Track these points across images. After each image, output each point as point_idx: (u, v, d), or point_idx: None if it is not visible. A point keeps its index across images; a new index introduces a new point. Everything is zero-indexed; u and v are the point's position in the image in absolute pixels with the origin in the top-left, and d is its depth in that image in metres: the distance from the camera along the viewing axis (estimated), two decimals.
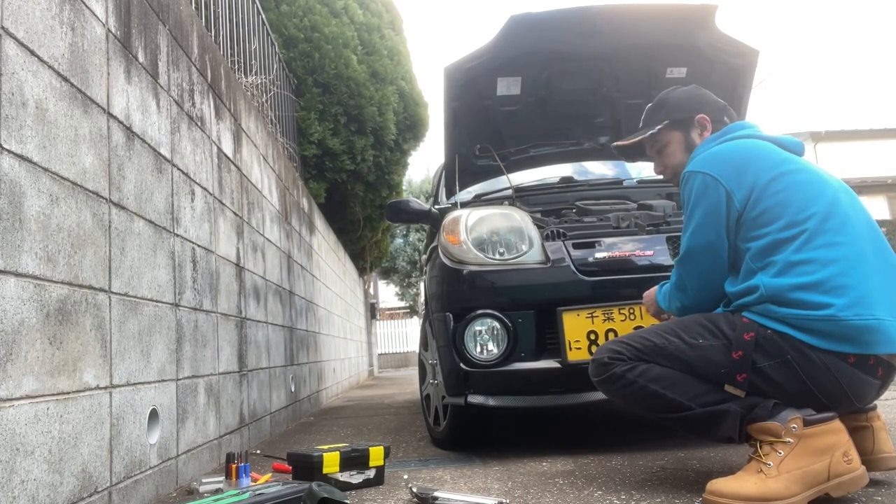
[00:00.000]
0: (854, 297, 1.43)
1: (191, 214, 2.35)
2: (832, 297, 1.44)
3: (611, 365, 1.64)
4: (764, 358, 1.49)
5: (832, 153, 22.55)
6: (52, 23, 1.49)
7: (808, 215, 1.52)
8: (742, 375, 1.51)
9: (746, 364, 1.50)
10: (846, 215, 1.54)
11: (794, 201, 1.54)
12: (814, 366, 1.45)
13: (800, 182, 1.57)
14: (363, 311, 10.91)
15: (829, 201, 1.54)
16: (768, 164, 1.59)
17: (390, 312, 22.57)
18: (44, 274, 1.39)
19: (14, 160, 1.32)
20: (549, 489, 1.75)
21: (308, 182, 6.07)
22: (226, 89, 2.98)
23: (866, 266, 1.48)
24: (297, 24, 6.15)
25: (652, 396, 1.60)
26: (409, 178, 16.19)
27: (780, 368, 1.48)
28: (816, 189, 1.56)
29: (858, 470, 1.42)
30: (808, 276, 1.46)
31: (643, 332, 1.68)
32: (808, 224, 1.51)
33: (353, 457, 1.93)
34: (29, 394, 1.32)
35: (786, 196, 1.54)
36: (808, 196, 1.54)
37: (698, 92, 1.89)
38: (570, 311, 2.21)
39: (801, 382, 1.47)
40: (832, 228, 1.50)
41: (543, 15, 2.57)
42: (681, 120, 1.84)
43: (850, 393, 1.47)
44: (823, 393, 1.47)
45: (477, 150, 3.11)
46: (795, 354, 1.46)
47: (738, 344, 1.51)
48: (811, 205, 1.53)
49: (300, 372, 4.41)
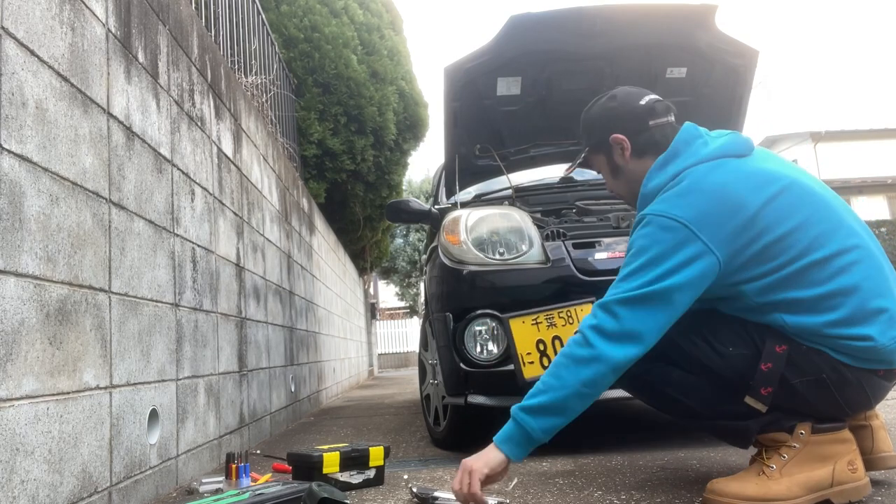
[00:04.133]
0: (886, 318, 1.35)
1: (191, 214, 2.35)
2: (866, 327, 1.34)
3: None
4: (795, 374, 1.38)
5: (832, 153, 22.55)
6: (52, 23, 1.49)
7: (810, 242, 1.37)
8: (767, 389, 1.40)
9: (774, 378, 1.39)
10: (844, 224, 1.42)
11: (790, 231, 1.38)
12: (847, 383, 1.38)
13: (789, 205, 1.40)
14: (363, 311, 10.91)
15: (823, 216, 1.41)
16: (748, 199, 1.39)
17: (390, 312, 22.57)
18: (44, 274, 1.39)
19: (14, 160, 1.32)
20: (549, 489, 1.75)
21: (308, 182, 6.07)
22: (226, 89, 2.98)
23: (882, 276, 1.40)
24: (297, 24, 6.15)
25: (667, 399, 1.56)
26: (409, 178, 16.18)
27: (811, 386, 1.38)
28: (808, 206, 1.41)
29: (863, 479, 1.41)
30: (835, 313, 1.35)
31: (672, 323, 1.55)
32: (815, 253, 1.37)
33: (353, 457, 1.93)
34: (29, 394, 1.31)
35: (780, 228, 1.38)
36: (803, 219, 1.39)
37: (609, 105, 1.64)
38: (517, 317, 2.11)
39: (830, 398, 1.40)
40: (839, 248, 1.38)
41: (543, 15, 2.56)
42: (597, 144, 1.65)
43: (873, 400, 1.45)
44: (850, 405, 1.43)
45: (477, 150, 3.11)
46: (831, 373, 1.37)
47: (769, 356, 1.40)
48: (809, 227, 1.38)
49: (300, 372, 4.41)
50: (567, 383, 1.39)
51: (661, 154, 1.53)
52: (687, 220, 1.38)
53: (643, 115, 1.58)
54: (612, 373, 1.39)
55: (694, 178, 1.44)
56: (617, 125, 1.60)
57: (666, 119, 1.58)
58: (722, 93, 2.96)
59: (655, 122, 1.57)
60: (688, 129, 1.55)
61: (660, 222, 1.41)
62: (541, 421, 1.40)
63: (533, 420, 1.41)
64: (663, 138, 1.56)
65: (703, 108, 3.02)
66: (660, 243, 1.39)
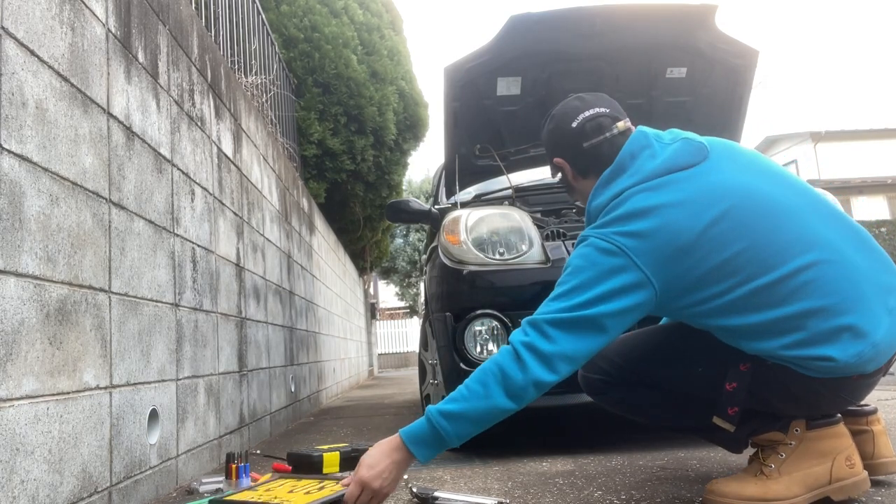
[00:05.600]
0: (848, 336, 1.26)
1: (191, 214, 2.35)
2: (826, 348, 1.26)
3: (604, 391, 1.65)
4: (763, 388, 1.38)
5: (832, 153, 22.55)
6: (52, 23, 1.49)
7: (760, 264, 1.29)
8: (734, 409, 1.39)
9: (739, 397, 1.38)
10: (807, 235, 1.32)
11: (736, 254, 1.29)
12: (818, 394, 1.35)
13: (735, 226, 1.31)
14: (363, 311, 10.91)
15: (778, 233, 1.31)
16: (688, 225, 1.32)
17: (390, 312, 22.57)
18: (44, 274, 1.39)
19: (14, 160, 1.32)
20: (549, 489, 1.75)
21: (308, 182, 6.07)
22: (226, 89, 2.98)
23: (852, 286, 1.28)
24: (297, 24, 6.16)
25: (641, 413, 1.65)
26: (409, 178, 16.19)
27: (780, 395, 1.38)
28: (761, 222, 1.32)
29: (861, 475, 1.41)
30: (791, 335, 1.28)
31: (638, 343, 1.57)
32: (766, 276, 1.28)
33: (353, 457, 1.93)
34: (29, 394, 1.31)
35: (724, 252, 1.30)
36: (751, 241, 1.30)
37: (549, 127, 1.60)
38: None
39: (803, 403, 1.40)
40: (796, 267, 1.28)
41: (543, 15, 2.57)
42: (551, 164, 1.64)
43: (852, 400, 1.44)
44: (827, 408, 1.43)
45: (477, 150, 3.11)
46: (800, 387, 1.33)
47: (733, 375, 1.39)
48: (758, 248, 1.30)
49: (300, 372, 4.41)
50: (492, 394, 1.34)
51: (605, 169, 1.47)
52: (624, 245, 1.33)
53: (575, 138, 1.52)
54: (536, 391, 1.34)
55: (634, 202, 1.37)
56: (556, 150, 1.59)
57: (603, 136, 1.50)
58: (722, 93, 2.96)
59: (589, 143, 1.51)
60: (636, 138, 1.46)
61: (597, 244, 1.36)
62: (458, 427, 1.36)
63: (449, 425, 1.36)
64: (606, 154, 1.48)
65: (703, 108, 3.02)
66: (594, 266, 1.35)
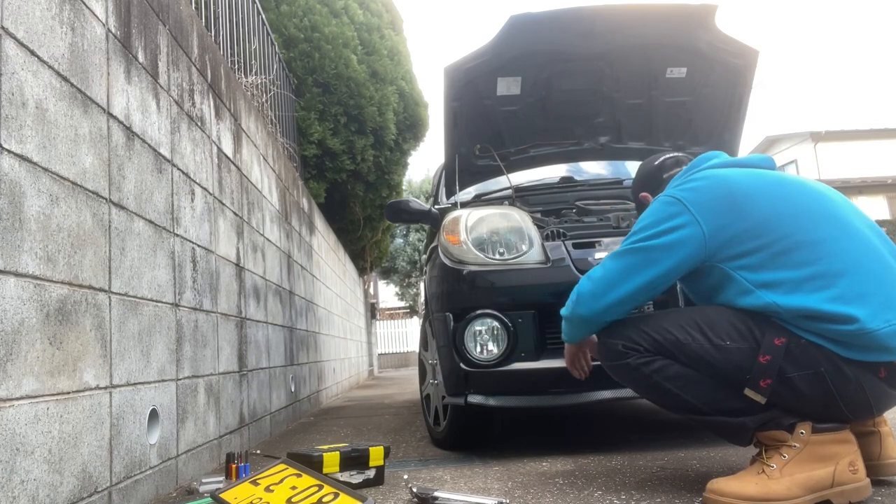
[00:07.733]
0: (877, 302, 1.36)
1: (191, 214, 2.35)
2: (854, 307, 1.36)
3: (625, 354, 1.58)
4: (794, 367, 1.41)
5: (832, 153, 22.54)
6: (52, 23, 1.49)
7: (801, 224, 1.46)
8: (766, 381, 1.43)
9: (773, 370, 1.42)
10: (841, 217, 1.48)
11: (783, 213, 1.47)
12: (845, 380, 1.39)
13: (787, 194, 1.52)
14: (363, 310, 10.91)
15: (822, 209, 1.49)
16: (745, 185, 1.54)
17: (390, 312, 22.56)
18: (44, 274, 1.39)
19: (14, 160, 1.32)
20: (549, 489, 1.75)
21: (308, 182, 6.07)
22: (226, 89, 2.98)
23: (883, 265, 1.43)
24: (297, 24, 6.15)
25: (666, 394, 1.56)
26: (409, 178, 16.18)
27: (809, 380, 1.41)
28: (807, 198, 1.51)
29: (863, 481, 1.41)
30: (823, 291, 1.39)
31: (664, 319, 1.59)
32: (805, 235, 1.44)
33: (353, 457, 1.93)
34: (29, 394, 1.31)
35: (772, 209, 1.48)
36: (799, 206, 1.49)
37: (637, 174, 2.00)
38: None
39: (828, 395, 1.41)
40: (834, 233, 1.44)
41: (543, 15, 2.56)
42: (637, 203, 1.99)
43: (874, 405, 1.44)
44: (849, 406, 1.43)
45: (477, 150, 3.11)
46: (829, 367, 1.39)
47: (768, 348, 1.43)
48: (803, 214, 1.47)
49: (300, 372, 4.41)
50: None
51: None
52: (683, 198, 1.54)
53: (657, 172, 1.89)
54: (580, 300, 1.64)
55: (703, 173, 1.63)
56: (641, 186, 1.95)
57: (677, 170, 1.82)
58: (722, 93, 2.95)
59: (668, 175, 1.84)
60: (705, 156, 1.73)
61: (661, 199, 1.60)
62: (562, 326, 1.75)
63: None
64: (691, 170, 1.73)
65: (703, 108, 3.02)
66: (654, 214, 1.58)
